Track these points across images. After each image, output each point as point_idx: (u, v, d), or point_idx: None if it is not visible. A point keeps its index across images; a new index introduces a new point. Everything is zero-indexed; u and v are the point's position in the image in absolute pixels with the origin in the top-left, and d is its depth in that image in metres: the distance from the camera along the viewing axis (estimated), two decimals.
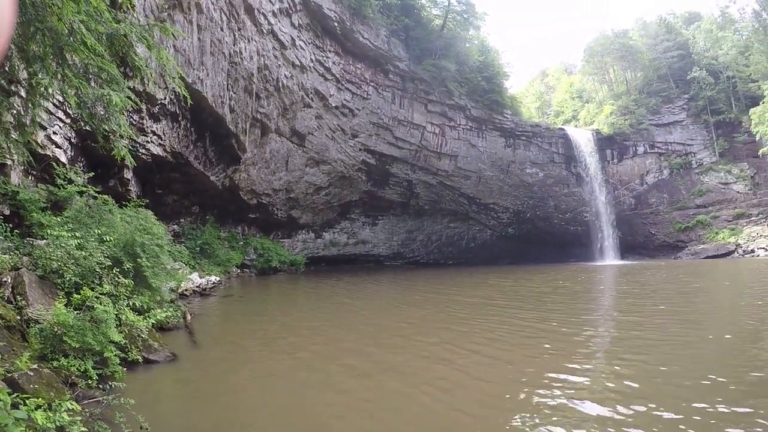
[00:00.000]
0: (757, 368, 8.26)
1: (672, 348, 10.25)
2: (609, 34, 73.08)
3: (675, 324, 13.22)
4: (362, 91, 42.73)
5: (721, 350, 9.92)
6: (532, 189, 57.92)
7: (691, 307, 16.84)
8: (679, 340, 11.06)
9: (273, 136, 35.42)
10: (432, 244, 59.66)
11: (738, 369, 8.21)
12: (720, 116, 59.73)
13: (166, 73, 14.52)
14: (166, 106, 22.06)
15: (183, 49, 21.84)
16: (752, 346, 10.13)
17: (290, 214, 43.64)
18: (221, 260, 31.92)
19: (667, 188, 59.43)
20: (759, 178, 55.51)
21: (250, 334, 13.47)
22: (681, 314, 15.13)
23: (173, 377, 9.19)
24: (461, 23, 52.93)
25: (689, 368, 8.37)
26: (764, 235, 50.56)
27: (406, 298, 23.04)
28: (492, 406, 7.11)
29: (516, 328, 13.14)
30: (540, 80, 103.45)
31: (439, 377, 8.68)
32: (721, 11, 73.76)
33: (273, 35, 31.20)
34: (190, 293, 20.72)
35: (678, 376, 7.81)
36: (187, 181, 28.80)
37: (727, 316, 14.59)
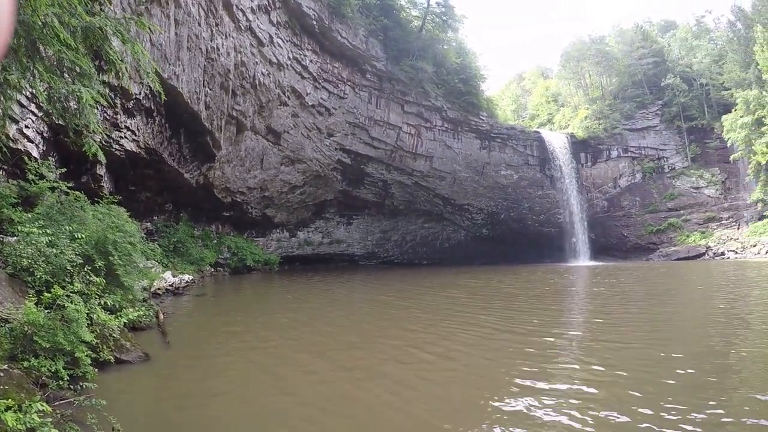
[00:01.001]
0: (720, 371, 8.46)
1: (637, 352, 10.31)
2: (586, 40, 74.34)
3: (642, 327, 13.36)
4: (339, 91, 42.61)
5: (688, 356, 9.97)
6: (507, 191, 58.49)
7: (660, 309, 16.99)
8: (644, 343, 11.16)
9: (248, 134, 35.11)
10: (406, 244, 59.83)
11: (703, 374, 8.27)
12: (692, 122, 61.43)
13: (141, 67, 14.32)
14: (140, 102, 21.71)
15: (159, 43, 21.51)
16: (721, 351, 10.26)
17: (265, 212, 43.35)
18: (195, 259, 31.58)
19: (639, 192, 60.72)
20: (730, 183, 57.24)
21: (224, 334, 13.34)
22: (649, 316, 15.27)
23: (146, 378, 9.06)
24: (440, 25, 53.18)
25: (654, 372, 8.39)
26: (734, 238, 51.99)
27: (376, 299, 22.99)
28: (448, 411, 7.10)
29: (478, 330, 13.12)
30: (516, 83, 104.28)
31: (397, 381, 8.60)
32: (696, 20, 75.84)
33: (251, 32, 30.92)
34: (162, 292, 20.46)
35: (642, 382, 7.81)
36: (161, 179, 28.37)
37: (696, 320, 14.78)
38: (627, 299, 20.35)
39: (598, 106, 64.95)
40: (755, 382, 7.87)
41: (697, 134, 61.33)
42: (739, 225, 54.70)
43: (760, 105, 48.51)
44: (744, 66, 55.44)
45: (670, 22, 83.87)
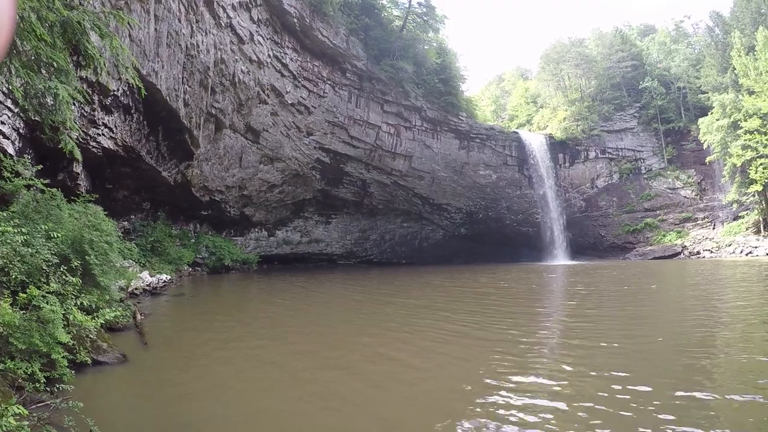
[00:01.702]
0: (691, 370, 8.49)
1: (610, 352, 10.29)
2: (566, 42, 75.17)
3: (616, 326, 13.41)
4: (319, 89, 42.43)
5: (661, 354, 10.05)
6: (485, 190, 58.95)
7: (634, 308, 17.12)
8: (618, 342, 11.16)
9: (227, 132, 34.84)
10: (385, 243, 59.86)
11: (675, 373, 8.32)
12: (669, 125, 62.53)
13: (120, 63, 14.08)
14: (119, 98, 21.39)
15: (139, 39, 21.21)
16: (689, 349, 10.28)
17: (243, 211, 43.03)
18: (172, 258, 31.20)
19: (616, 192, 61.69)
20: (705, 184, 58.46)
21: (202, 335, 13.20)
22: (624, 316, 15.34)
23: (123, 379, 8.94)
24: (421, 25, 53.20)
25: (627, 371, 8.36)
26: (709, 238, 53.13)
27: (351, 299, 22.94)
28: (415, 411, 7.08)
29: (449, 331, 13.08)
30: (496, 84, 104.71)
31: (369, 381, 8.61)
32: (675, 25, 77.20)
33: (231, 29, 30.67)
34: (140, 292, 20.21)
35: (613, 381, 7.80)
36: (138, 177, 28.00)
37: (669, 318, 14.91)
38: (602, 298, 20.50)
39: (576, 108, 65.67)
40: (727, 381, 7.91)
41: (673, 136, 62.49)
42: (715, 225, 55.90)
43: (736, 108, 49.43)
44: (721, 70, 56.69)
45: (650, 27, 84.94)
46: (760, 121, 46.30)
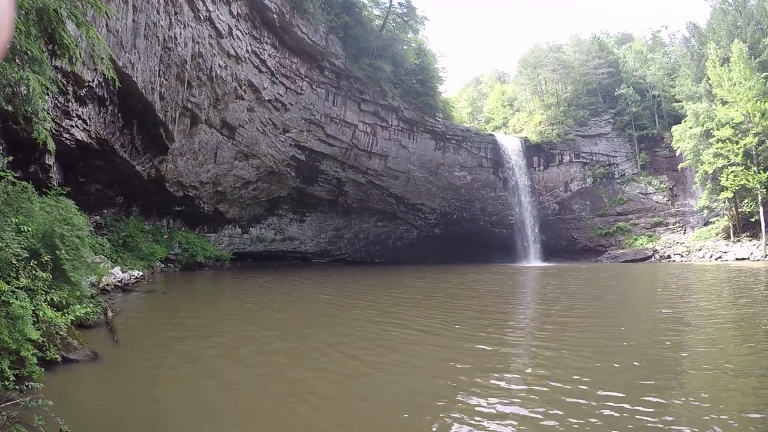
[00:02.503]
0: (661, 372, 8.56)
1: (576, 355, 10.24)
2: (544, 48, 76.05)
3: (584, 328, 13.50)
4: (296, 86, 42.13)
5: (628, 356, 9.99)
6: (460, 191, 59.36)
7: (603, 310, 17.32)
8: (585, 345, 11.21)
9: (203, 127, 34.40)
10: (359, 242, 59.90)
11: (642, 381, 8.23)
12: (643, 131, 64.00)
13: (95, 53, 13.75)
14: (93, 89, 20.92)
15: (116, 30, 20.77)
16: (659, 355, 10.37)
17: (217, 207, 42.61)
18: (145, 254, 30.72)
19: (590, 196, 62.65)
20: (677, 190, 59.84)
21: (174, 332, 13.03)
22: (591, 317, 15.49)
23: (94, 377, 8.79)
24: (401, 25, 53.14)
25: (592, 375, 8.38)
26: (680, 243, 54.41)
27: (321, 298, 22.74)
28: (377, 417, 6.99)
29: (414, 331, 13.01)
30: (473, 87, 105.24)
31: (320, 389, 8.41)
32: (652, 35, 78.99)
33: (210, 22, 30.23)
34: (111, 288, 19.84)
35: (580, 385, 7.80)
36: (111, 170, 27.47)
37: (639, 321, 15.03)
38: (572, 299, 20.55)
39: (552, 112, 66.46)
40: (694, 386, 7.96)
41: (647, 143, 63.76)
42: (685, 230, 57.19)
43: (709, 117, 50.55)
44: (696, 80, 57.95)
45: (627, 35, 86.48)
46: (732, 131, 47.37)
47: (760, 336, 11.21)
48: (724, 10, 58.08)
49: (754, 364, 8.84)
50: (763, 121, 45.04)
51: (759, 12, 54.82)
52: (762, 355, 9.37)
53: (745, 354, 9.68)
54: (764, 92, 46.75)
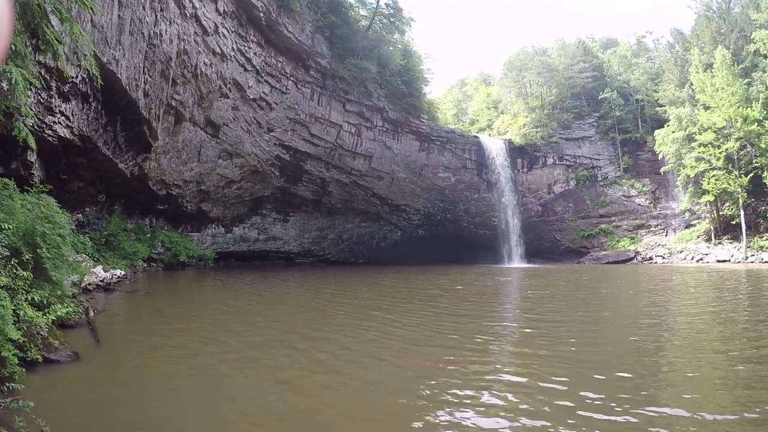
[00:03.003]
0: (640, 377, 8.48)
1: (555, 359, 10.07)
2: (529, 51, 76.78)
3: (565, 331, 13.31)
4: (281, 85, 41.87)
5: (605, 358, 9.99)
6: (444, 192, 59.54)
7: (585, 312, 17.17)
8: (565, 348, 10.98)
9: (187, 125, 34.06)
10: (343, 242, 59.82)
11: (617, 380, 8.23)
12: (626, 135, 65.04)
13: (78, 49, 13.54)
14: (77, 85, 20.57)
15: (101, 25, 20.43)
16: (640, 356, 10.30)
17: (200, 207, 42.25)
18: (127, 253, 30.30)
19: (573, 198, 63.42)
20: (659, 193, 60.85)
21: (156, 332, 12.85)
22: (574, 320, 15.28)
23: (75, 378, 8.62)
24: (387, 26, 53.26)
25: (570, 381, 8.15)
26: (662, 245, 55.37)
27: (301, 300, 22.56)
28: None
29: (391, 336, 12.65)
30: (459, 88, 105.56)
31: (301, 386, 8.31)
32: (637, 40, 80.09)
33: (196, 19, 29.91)
34: (93, 288, 19.56)
35: (557, 392, 7.59)
36: (94, 168, 27.05)
37: (619, 322, 15.09)
38: (553, 301, 20.58)
39: (537, 115, 67.06)
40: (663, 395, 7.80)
41: (630, 146, 64.66)
42: (667, 232, 58.12)
43: (691, 122, 51.43)
44: (679, 85, 58.75)
45: (612, 40, 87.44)
46: (714, 135, 48.16)
47: (743, 342, 11.22)
48: (708, 16, 58.95)
49: (736, 371, 8.71)
50: (744, 126, 45.78)
51: (743, 20, 55.59)
52: (745, 363, 9.28)
53: (726, 361, 9.59)
54: (746, 98, 47.61)
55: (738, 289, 23.89)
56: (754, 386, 7.61)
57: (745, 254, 46.06)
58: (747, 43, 52.98)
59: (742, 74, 50.52)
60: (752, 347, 10.40)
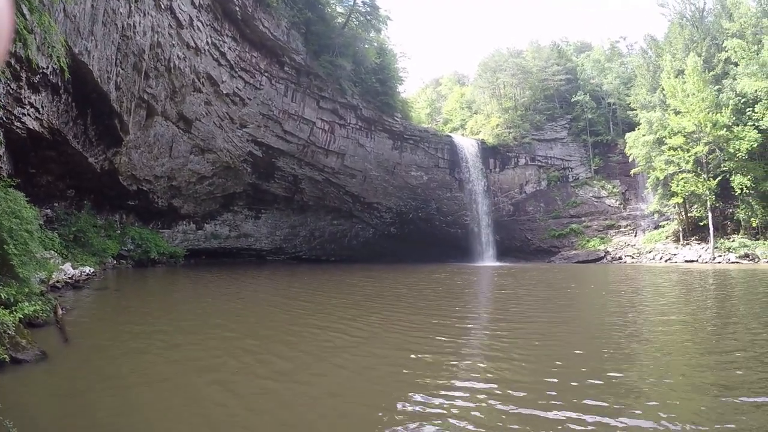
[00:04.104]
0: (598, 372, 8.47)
1: (519, 364, 9.65)
2: (504, 53, 77.74)
3: (532, 332, 13.10)
4: (255, 81, 41.46)
5: (569, 361, 9.69)
6: (416, 191, 59.82)
7: (553, 313, 17.05)
8: (529, 352, 10.67)
9: (159, 119, 33.41)
10: (315, 240, 59.56)
11: (585, 379, 8.15)
12: (598, 137, 66.40)
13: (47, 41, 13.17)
14: (48, 77, 19.95)
15: (74, 15, 19.84)
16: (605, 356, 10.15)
17: (171, 203, 41.57)
18: (97, 250, 29.62)
19: (544, 198, 64.46)
20: (629, 195, 62.30)
21: (126, 331, 12.58)
22: (542, 322, 15.03)
23: (43, 378, 8.39)
24: (363, 24, 53.29)
25: (534, 388, 7.81)
26: (631, 245, 56.75)
27: (273, 299, 22.14)
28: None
29: (348, 337, 12.19)
30: (433, 88, 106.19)
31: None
32: (611, 45, 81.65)
33: (171, 12, 29.34)
34: (62, 285, 19.09)
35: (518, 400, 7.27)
36: (63, 162, 26.33)
37: (587, 323, 15.04)
38: (520, 302, 20.34)
39: (510, 116, 68.00)
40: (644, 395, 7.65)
41: (601, 148, 65.99)
42: (636, 233, 59.47)
43: (662, 126, 52.71)
44: (651, 90, 60.14)
45: (586, 44, 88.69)
46: (683, 139, 49.31)
47: (712, 344, 11.25)
48: (681, 24, 60.27)
49: (704, 377, 8.48)
50: (714, 131, 46.86)
51: (715, 28, 57.19)
52: (712, 367, 9.18)
53: (697, 364, 9.51)
54: (716, 104, 48.82)
55: (707, 288, 24.34)
56: (722, 393, 7.39)
57: (712, 255, 47.23)
58: (718, 51, 54.51)
59: (713, 81, 51.82)
60: (720, 351, 10.38)
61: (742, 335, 11.79)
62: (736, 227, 50.52)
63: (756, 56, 47.87)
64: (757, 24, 51.39)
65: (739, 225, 49.83)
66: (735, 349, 10.43)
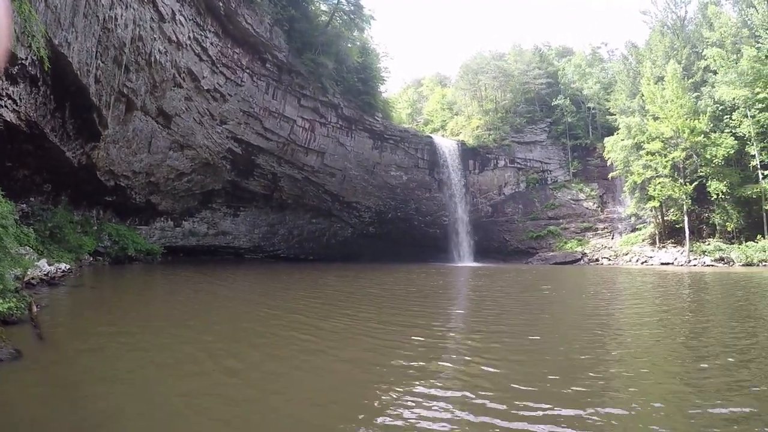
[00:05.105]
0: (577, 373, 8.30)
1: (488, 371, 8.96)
2: (486, 55, 78.21)
3: (506, 336, 12.59)
4: (237, 77, 41.00)
5: (541, 362, 9.37)
6: (395, 191, 59.98)
7: (530, 315, 16.59)
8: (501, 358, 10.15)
9: (138, 114, 32.83)
10: (293, 238, 59.30)
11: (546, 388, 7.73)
12: (577, 141, 67.28)
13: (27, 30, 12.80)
14: (26, 68, 19.39)
15: (55, 5, 19.30)
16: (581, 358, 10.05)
17: (149, 199, 40.94)
18: (73, 246, 28.90)
19: (522, 200, 65.13)
20: (607, 198, 63.20)
21: (103, 329, 12.24)
22: (516, 324, 14.67)
23: (17, 378, 8.04)
24: (347, 23, 53.08)
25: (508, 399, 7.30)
26: (608, 247, 57.64)
27: (248, 298, 21.74)
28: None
29: (308, 345, 11.20)
30: (414, 88, 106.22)
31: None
32: (592, 50, 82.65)
33: (153, 5, 28.79)
34: (37, 282, 18.56)
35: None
36: (40, 156, 25.66)
37: (562, 326, 14.72)
38: (496, 304, 19.93)
39: (490, 118, 68.49)
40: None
41: (580, 152, 66.94)
42: (614, 235, 60.38)
43: (640, 131, 53.58)
44: (630, 95, 61.13)
45: (568, 49, 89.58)
46: (661, 145, 50.22)
47: (686, 352, 10.97)
48: (662, 32, 61.45)
49: (678, 386, 8.23)
50: (691, 137, 47.69)
51: (696, 37, 58.58)
52: (688, 381, 8.85)
53: (671, 376, 9.21)
54: (694, 110, 49.88)
55: (680, 291, 24.58)
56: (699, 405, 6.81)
57: (687, 258, 48.03)
58: (698, 59, 55.72)
59: (692, 88, 52.93)
60: (697, 359, 10.12)
61: (718, 339, 11.70)
62: (711, 231, 51.48)
63: (735, 65, 48.85)
64: (737, 34, 52.59)
65: (715, 229, 50.82)
66: (712, 354, 10.30)
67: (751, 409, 6.44)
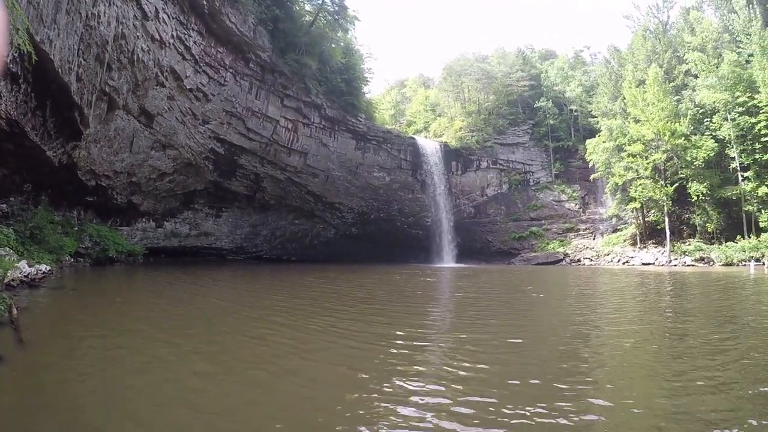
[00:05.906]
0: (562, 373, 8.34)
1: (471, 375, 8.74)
2: (470, 57, 78.61)
3: (487, 338, 12.20)
4: (220, 77, 40.70)
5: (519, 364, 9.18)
6: (378, 192, 60.13)
7: (512, 317, 16.30)
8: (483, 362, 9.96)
9: (120, 113, 32.35)
10: (276, 239, 59.09)
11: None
12: (559, 143, 68.04)
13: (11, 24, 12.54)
14: (7, 65, 19.03)
15: (37, 1, 18.99)
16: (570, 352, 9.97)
17: (131, 199, 40.37)
18: (53, 247, 28.33)
19: (505, 201, 65.71)
20: (588, 199, 64.00)
21: (84, 331, 12.02)
22: (498, 325, 14.46)
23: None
24: (331, 23, 53.13)
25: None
26: (590, 247, 58.34)
27: (225, 299, 21.38)
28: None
29: (291, 342, 11.23)
30: (398, 90, 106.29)
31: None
32: (575, 53, 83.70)
33: (137, 3, 28.38)
34: (17, 284, 18.22)
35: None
36: (21, 155, 25.09)
37: (545, 328, 14.60)
38: (478, 305, 19.84)
39: (473, 120, 68.96)
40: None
41: (562, 153, 67.73)
42: (595, 236, 61.07)
43: (622, 134, 54.40)
44: (612, 98, 62.03)
45: (551, 52, 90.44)
46: (642, 147, 51.01)
47: (668, 358, 10.81)
48: (644, 36, 62.59)
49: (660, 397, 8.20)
50: (672, 139, 48.39)
51: (677, 41, 59.60)
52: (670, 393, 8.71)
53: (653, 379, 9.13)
54: (675, 113, 50.75)
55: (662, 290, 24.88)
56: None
57: (668, 258, 48.80)
58: (679, 63, 56.79)
59: (673, 91, 53.87)
60: (678, 360, 9.98)
61: (700, 339, 11.68)
62: (692, 231, 52.33)
63: (715, 69, 49.84)
64: (718, 39, 53.59)
65: (695, 229, 51.70)
66: (693, 355, 10.27)
67: (733, 410, 6.48)
